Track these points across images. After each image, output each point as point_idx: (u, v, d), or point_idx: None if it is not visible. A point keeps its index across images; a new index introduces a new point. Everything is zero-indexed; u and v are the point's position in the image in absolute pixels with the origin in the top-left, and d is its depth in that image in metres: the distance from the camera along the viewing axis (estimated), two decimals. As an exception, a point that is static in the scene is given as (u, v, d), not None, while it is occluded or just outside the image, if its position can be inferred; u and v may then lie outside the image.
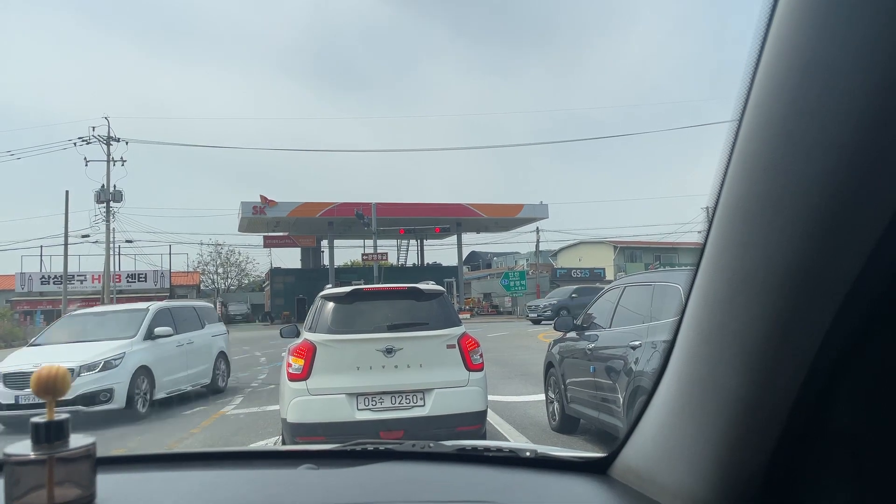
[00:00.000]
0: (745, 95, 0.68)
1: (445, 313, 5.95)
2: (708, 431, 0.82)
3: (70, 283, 42.32)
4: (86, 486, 1.01)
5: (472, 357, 5.73)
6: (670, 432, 0.93)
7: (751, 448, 0.76)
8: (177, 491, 1.15)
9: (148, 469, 1.31)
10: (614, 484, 1.11)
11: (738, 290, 0.72)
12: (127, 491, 1.11)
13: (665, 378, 0.97)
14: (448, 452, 1.37)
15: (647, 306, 5.64)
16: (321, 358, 5.47)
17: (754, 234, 0.68)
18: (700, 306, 0.82)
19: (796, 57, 0.60)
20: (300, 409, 5.35)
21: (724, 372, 0.77)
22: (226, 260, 62.59)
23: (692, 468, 0.86)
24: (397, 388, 5.47)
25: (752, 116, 0.67)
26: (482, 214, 42.37)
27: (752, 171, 0.67)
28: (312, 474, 1.25)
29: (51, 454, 0.96)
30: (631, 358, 5.31)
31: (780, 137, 0.63)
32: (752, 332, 0.71)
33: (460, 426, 5.49)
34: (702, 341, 0.82)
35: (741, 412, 0.75)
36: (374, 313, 5.85)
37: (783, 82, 0.62)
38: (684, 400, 0.88)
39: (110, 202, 37.56)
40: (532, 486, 1.16)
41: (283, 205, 38.84)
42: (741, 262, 0.71)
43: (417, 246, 53.07)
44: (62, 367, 1.03)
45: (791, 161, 0.62)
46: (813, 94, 0.59)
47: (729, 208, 0.72)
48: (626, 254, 58.21)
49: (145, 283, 47.05)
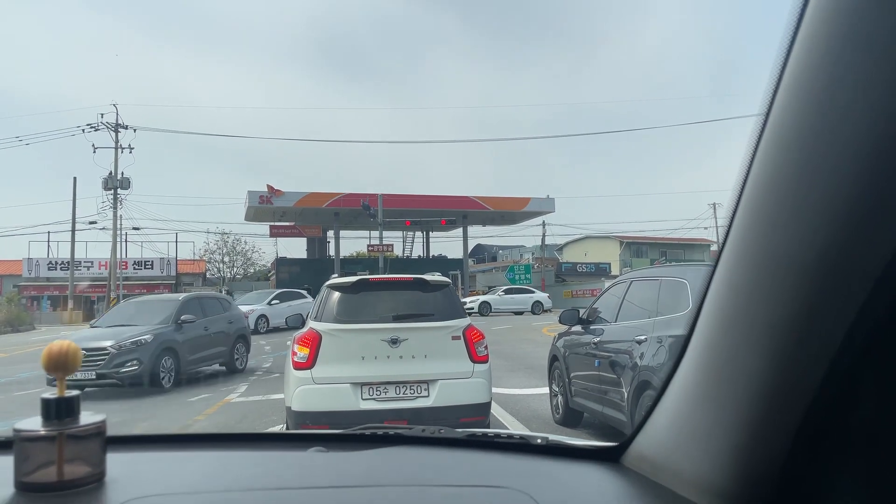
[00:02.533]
0: (779, 70, 0.65)
1: (451, 305, 5.95)
2: (727, 419, 0.80)
3: (77, 269, 42.51)
4: (96, 463, 1.00)
5: (477, 349, 5.72)
6: (687, 420, 0.92)
7: (771, 435, 0.75)
8: (187, 471, 1.15)
9: (158, 449, 1.30)
10: (627, 472, 1.10)
11: (764, 273, 0.70)
12: (137, 470, 1.11)
13: (682, 367, 0.96)
14: (459, 438, 1.36)
15: (653, 301, 5.62)
16: (326, 347, 5.47)
17: (785, 213, 0.66)
18: (723, 291, 0.80)
19: (838, 27, 0.58)
20: (305, 397, 5.36)
21: (746, 358, 0.75)
22: (232, 249, 62.75)
23: (709, 456, 0.85)
24: (402, 379, 5.48)
25: (786, 92, 0.65)
26: (488, 207, 42.30)
27: (784, 150, 0.66)
28: (322, 457, 1.24)
29: (61, 430, 0.96)
30: (636, 352, 5.30)
31: (816, 114, 0.61)
32: (776, 318, 0.69)
33: (464, 417, 5.49)
34: (724, 327, 0.80)
35: (762, 399, 0.74)
36: (379, 304, 5.85)
37: (823, 55, 0.60)
38: (703, 387, 0.87)
39: (118, 189, 37.69)
40: (545, 472, 1.15)
41: (289, 194, 38.86)
42: (769, 245, 0.69)
43: (423, 238, 53.05)
44: (73, 343, 1.03)
45: (827, 140, 0.60)
46: (855, 68, 0.57)
47: (758, 188, 0.70)
48: (632, 249, 58.02)
49: (151, 271, 47.20)
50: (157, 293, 29.39)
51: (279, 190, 38.71)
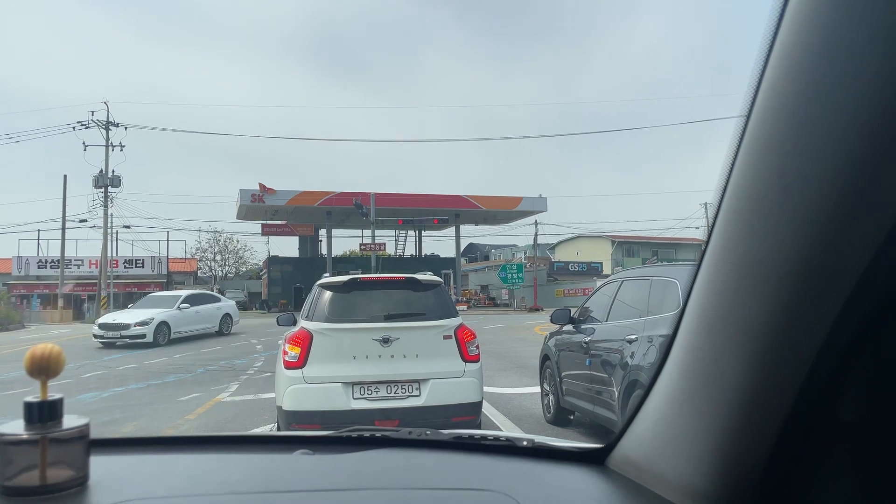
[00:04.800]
0: (757, 77, 0.66)
1: (442, 304, 5.95)
2: (709, 422, 0.81)
3: (67, 267, 42.23)
4: (79, 467, 1.00)
5: (469, 348, 5.73)
6: (670, 423, 0.92)
7: (753, 439, 0.75)
8: (171, 474, 1.14)
9: (142, 452, 1.30)
10: (612, 475, 1.11)
11: (744, 277, 0.71)
12: (121, 473, 1.10)
13: (665, 369, 0.96)
14: (445, 440, 1.36)
15: (644, 301, 5.64)
16: (318, 346, 5.46)
17: (764, 220, 0.66)
18: (705, 294, 0.81)
19: (813, 38, 0.58)
20: (296, 396, 5.35)
21: (728, 361, 0.75)
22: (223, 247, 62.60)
23: (692, 459, 0.85)
24: (393, 378, 5.47)
25: (764, 98, 0.65)
26: (481, 206, 42.31)
27: (763, 155, 0.66)
28: (308, 459, 1.24)
29: (43, 434, 0.95)
30: (627, 352, 5.32)
31: (793, 120, 0.62)
32: (758, 321, 0.69)
33: (455, 417, 5.49)
34: (706, 330, 0.81)
35: (744, 402, 0.74)
36: (371, 303, 5.85)
37: (799, 63, 0.60)
38: (686, 390, 0.88)
39: (108, 187, 37.48)
40: (530, 474, 1.15)
41: (281, 193, 38.74)
42: (749, 249, 0.70)
43: (416, 237, 53.02)
44: (55, 346, 1.02)
45: (804, 145, 0.61)
46: (830, 77, 0.57)
47: (738, 193, 0.70)
48: (623, 248, 58.18)
49: (142, 269, 46.93)
50: (149, 291, 31.44)
51: (271, 188, 38.59)
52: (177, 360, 14.87)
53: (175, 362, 14.53)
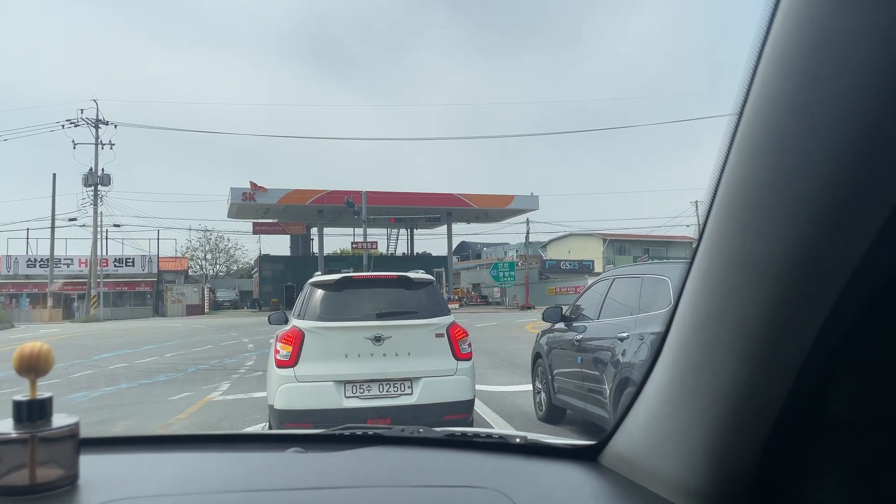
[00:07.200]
0: (750, 73, 0.66)
1: (434, 302, 5.94)
2: (702, 418, 0.81)
3: (56, 266, 41.95)
4: (69, 466, 0.99)
5: (461, 346, 5.73)
6: (663, 420, 0.92)
7: (746, 435, 0.76)
8: (162, 473, 1.14)
9: (133, 451, 1.29)
10: (604, 471, 1.11)
11: (737, 274, 0.71)
12: (111, 472, 1.09)
13: (658, 366, 0.96)
14: (437, 438, 1.36)
15: (635, 298, 5.66)
16: (309, 345, 5.45)
17: (756, 217, 0.67)
18: (697, 291, 0.81)
19: (807, 34, 0.58)
20: (288, 395, 5.33)
21: (721, 358, 0.76)
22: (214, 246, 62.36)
23: (685, 455, 0.86)
24: (385, 377, 5.47)
25: (757, 95, 0.65)
26: (473, 205, 42.35)
27: (756, 152, 0.66)
28: (300, 458, 1.24)
29: (33, 433, 0.94)
30: (618, 350, 5.33)
31: (786, 117, 0.62)
32: (750, 318, 0.70)
33: (448, 415, 5.50)
34: (698, 327, 0.81)
35: (737, 399, 0.75)
36: (363, 301, 5.83)
37: (792, 60, 0.60)
38: (678, 387, 0.88)
39: (98, 186, 37.24)
40: (522, 471, 1.15)
41: (272, 191, 38.63)
42: (741, 246, 0.70)
43: (407, 235, 52.98)
44: (45, 345, 1.01)
45: (798, 142, 0.61)
46: (824, 71, 0.57)
47: (730, 190, 0.71)
48: (615, 246, 58.36)
49: (133, 268, 46.65)
50: (140, 290, 33.70)
51: (262, 187, 38.47)
52: (167, 360, 14.80)
53: (165, 361, 14.46)
